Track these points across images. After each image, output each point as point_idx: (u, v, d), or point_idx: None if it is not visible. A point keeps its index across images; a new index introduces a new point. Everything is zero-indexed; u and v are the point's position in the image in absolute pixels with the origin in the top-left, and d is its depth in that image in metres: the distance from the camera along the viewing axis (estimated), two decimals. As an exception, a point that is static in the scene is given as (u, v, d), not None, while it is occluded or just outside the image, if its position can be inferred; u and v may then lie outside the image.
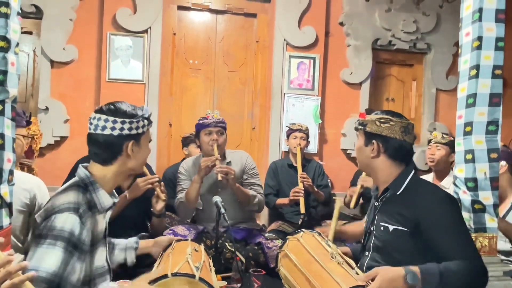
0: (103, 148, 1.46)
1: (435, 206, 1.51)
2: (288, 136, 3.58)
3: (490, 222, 1.83)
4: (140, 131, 1.48)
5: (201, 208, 2.74)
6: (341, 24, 4.50)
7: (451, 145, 2.81)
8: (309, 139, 3.61)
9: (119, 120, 1.43)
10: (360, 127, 1.70)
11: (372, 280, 1.38)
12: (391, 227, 1.59)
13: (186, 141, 3.79)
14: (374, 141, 1.65)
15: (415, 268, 1.37)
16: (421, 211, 1.51)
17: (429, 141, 3.02)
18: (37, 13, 3.92)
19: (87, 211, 1.37)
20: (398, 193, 1.63)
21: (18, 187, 1.88)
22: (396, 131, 1.63)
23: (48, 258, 1.24)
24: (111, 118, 1.43)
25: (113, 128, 1.42)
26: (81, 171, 1.47)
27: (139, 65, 4.08)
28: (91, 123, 1.46)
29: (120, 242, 1.82)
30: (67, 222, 1.28)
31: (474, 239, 1.78)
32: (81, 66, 4.03)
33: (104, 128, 1.42)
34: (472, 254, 1.46)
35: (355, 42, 4.49)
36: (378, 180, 1.70)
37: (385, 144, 1.64)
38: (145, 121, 1.50)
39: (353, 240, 2.52)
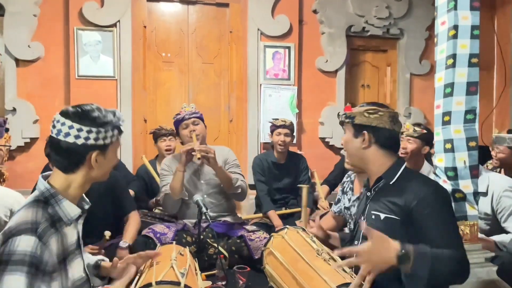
0: (64, 156, 1.33)
1: (428, 196, 1.52)
2: (271, 132, 3.50)
3: (471, 210, 1.86)
4: (107, 141, 1.35)
5: (186, 198, 2.70)
6: (315, 11, 4.46)
7: (423, 138, 2.76)
8: (293, 134, 3.57)
9: (85, 128, 1.30)
10: (347, 120, 1.69)
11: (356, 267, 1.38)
12: (382, 216, 1.59)
13: (154, 137, 3.63)
14: (364, 132, 1.65)
15: (409, 246, 1.36)
16: (414, 200, 1.52)
17: (401, 133, 2.97)
18: (-2, 10, 3.75)
19: (49, 229, 1.28)
20: (391, 183, 1.64)
21: None
22: (385, 121, 1.65)
23: (13, 285, 1.16)
24: (76, 126, 1.29)
25: (77, 137, 1.29)
26: (41, 184, 1.35)
27: (110, 61, 3.95)
28: (54, 126, 1.32)
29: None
30: (25, 244, 1.19)
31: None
32: (48, 64, 3.88)
33: (67, 134, 1.29)
34: (458, 245, 1.47)
35: (329, 29, 4.46)
36: (370, 171, 1.70)
37: (376, 134, 1.65)
38: (115, 130, 1.38)
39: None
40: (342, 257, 1.67)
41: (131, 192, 3.14)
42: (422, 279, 1.35)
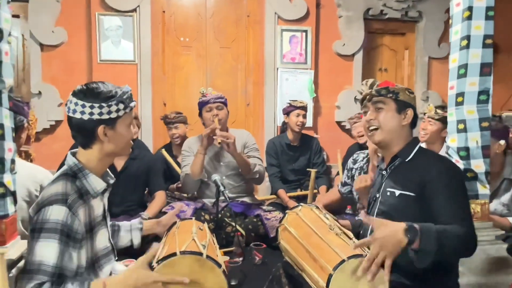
0: (78, 132, 1.43)
1: (442, 172, 1.56)
2: (288, 113, 3.54)
3: (482, 189, 1.89)
4: (113, 115, 1.41)
5: (206, 179, 2.79)
6: (332, -6, 4.46)
7: (444, 120, 2.77)
8: None
9: (88, 104, 1.37)
10: (390, 95, 1.70)
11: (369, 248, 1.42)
12: (397, 192, 1.64)
13: (165, 124, 3.65)
14: (409, 109, 1.70)
15: (415, 223, 1.41)
16: (427, 176, 1.57)
17: (423, 114, 2.99)
18: (23, -4, 3.86)
19: (78, 200, 1.38)
20: (406, 160, 1.68)
21: (29, 179, 1.94)
22: (415, 104, 1.73)
23: (47, 252, 1.27)
24: (80, 102, 1.38)
25: (82, 112, 1.38)
26: (69, 159, 1.45)
27: (130, 45, 4.04)
28: (66, 105, 1.43)
29: (124, 224, 1.85)
30: (57, 214, 1.30)
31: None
32: (71, 49, 3.99)
33: (75, 111, 1.38)
34: (467, 222, 1.51)
35: (346, 13, 4.45)
36: (391, 149, 1.73)
37: (414, 113, 1.71)
38: (121, 104, 1.42)
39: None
40: (355, 235, 1.73)
41: None
42: (430, 254, 1.39)
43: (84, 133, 1.42)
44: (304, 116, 3.52)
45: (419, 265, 1.41)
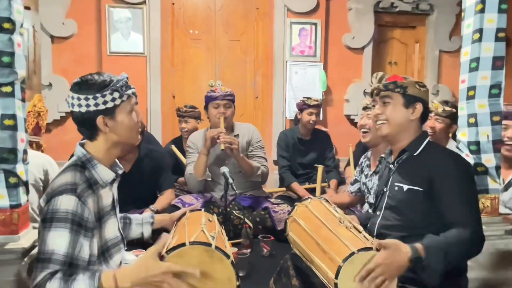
0: (80, 125, 1.43)
1: (451, 167, 1.54)
2: (301, 110, 3.51)
3: (492, 183, 1.87)
4: (110, 105, 1.39)
5: (210, 179, 2.79)
6: (342, -13, 4.43)
7: (452, 117, 2.67)
8: None
9: (82, 97, 1.36)
10: (398, 89, 1.68)
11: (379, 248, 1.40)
12: (405, 187, 1.62)
13: (177, 115, 3.61)
14: (418, 103, 1.67)
15: (419, 246, 1.40)
16: (436, 170, 1.55)
17: (430, 111, 2.91)
18: (34, -12, 3.88)
19: (87, 190, 1.39)
20: (415, 155, 1.67)
21: (32, 164, 1.94)
22: (427, 97, 1.70)
23: (58, 241, 1.28)
24: (75, 95, 1.37)
25: (79, 105, 1.37)
26: (78, 150, 1.46)
27: (140, 38, 4.06)
28: (66, 100, 1.44)
29: (136, 217, 1.87)
30: (67, 203, 1.31)
31: (476, 200, 1.82)
32: (82, 41, 4.02)
33: (72, 105, 1.38)
34: (474, 222, 1.49)
35: (356, 5, 4.42)
36: (399, 143, 1.71)
37: (424, 107, 1.68)
38: (116, 93, 1.40)
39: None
40: (364, 226, 1.73)
41: None
42: (437, 270, 1.38)
43: (85, 126, 1.42)
44: (317, 115, 3.48)
45: (430, 282, 1.40)
